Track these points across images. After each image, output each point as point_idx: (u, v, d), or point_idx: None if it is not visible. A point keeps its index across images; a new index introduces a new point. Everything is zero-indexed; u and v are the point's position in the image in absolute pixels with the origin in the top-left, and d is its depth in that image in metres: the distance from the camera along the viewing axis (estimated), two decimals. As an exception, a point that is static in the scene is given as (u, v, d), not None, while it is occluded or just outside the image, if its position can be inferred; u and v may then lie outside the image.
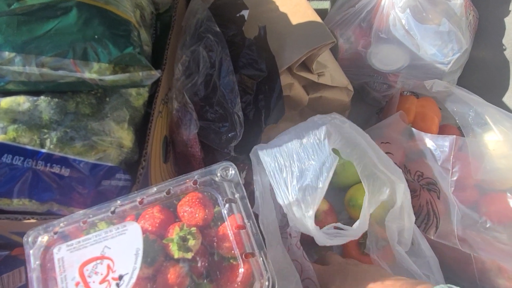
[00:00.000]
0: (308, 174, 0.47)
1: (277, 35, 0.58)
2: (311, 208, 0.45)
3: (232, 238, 0.37)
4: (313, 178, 0.46)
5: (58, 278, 0.35)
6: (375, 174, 0.52)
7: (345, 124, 0.55)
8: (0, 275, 0.50)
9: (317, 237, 0.44)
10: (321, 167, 0.48)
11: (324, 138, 0.51)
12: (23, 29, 0.36)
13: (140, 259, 0.35)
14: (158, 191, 0.39)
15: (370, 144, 0.55)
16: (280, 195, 0.47)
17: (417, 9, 0.72)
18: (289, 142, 0.53)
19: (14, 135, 0.37)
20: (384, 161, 0.53)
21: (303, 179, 0.47)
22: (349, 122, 0.56)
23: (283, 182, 0.48)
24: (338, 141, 0.53)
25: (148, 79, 0.41)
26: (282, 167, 0.49)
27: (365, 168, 0.52)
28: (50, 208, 0.41)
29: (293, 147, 0.52)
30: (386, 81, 0.78)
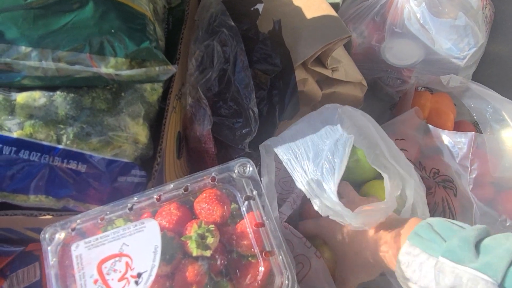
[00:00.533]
0: (323, 154, 0.46)
1: (292, 29, 0.57)
2: (332, 183, 0.43)
3: (251, 236, 0.36)
4: (329, 155, 0.46)
5: (77, 275, 0.34)
6: (386, 166, 0.51)
7: (357, 112, 0.54)
8: (15, 271, 0.50)
9: (347, 216, 0.42)
10: (336, 143, 0.47)
11: (337, 122, 0.50)
12: (40, 23, 0.36)
13: (158, 257, 0.35)
14: (175, 188, 0.39)
15: (382, 136, 0.53)
16: (299, 181, 0.46)
17: (433, 2, 0.70)
18: (302, 130, 0.52)
19: (30, 131, 0.37)
20: (396, 155, 0.52)
21: (319, 159, 0.46)
22: (361, 111, 0.55)
23: (300, 168, 0.47)
24: (350, 128, 0.52)
25: (164, 74, 0.41)
26: (297, 154, 0.48)
27: (376, 159, 0.51)
28: (66, 205, 0.41)
29: (307, 134, 0.51)
30: (400, 76, 0.77)
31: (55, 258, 0.35)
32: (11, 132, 0.37)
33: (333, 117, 0.51)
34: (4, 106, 0.37)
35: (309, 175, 0.46)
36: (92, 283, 0.34)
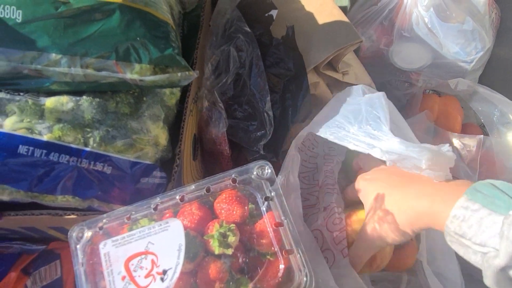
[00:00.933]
0: (363, 114, 0.48)
1: (304, 34, 0.59)
2: (385, 127, 0.44)
3: (271, 235, 0.38)
4: (369, 111, 0.47)
5: (105, 272, 0.36)
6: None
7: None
8: (38, 269, 0.52)
9: (417, 151, 0.40)
10: (370, 102, 0.49)
11: (362, 92, 0.52)
12: (69, 32, 0.38)
13: (182, 255, 0.36)
14: (196, 189, 0.40)
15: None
16: (352, 143, 0.46)
17: (441, 7, 0.72)
18: (332, 108, 0.54)
19: (59, 134, 0.39)
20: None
21: (360, 118, 0.47)
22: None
23: (346, 132, 0.48)
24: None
25: (185, 79, 0.42)
26: (338, 125, 0.49)
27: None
28: (91, 205, 0.42)
29: (338, 109, 0.53)
30: (408, 79, 0.79)
31: (84, 256, 0.37)
32: (42, 136, 0.38)
33: (358, 90, 0.53)
34: (34, 110, 0.39)
35: (358, 134, 0.46)
36: (120, 279, 0.36)
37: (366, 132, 0.45)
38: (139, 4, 0.40)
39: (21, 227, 0.49)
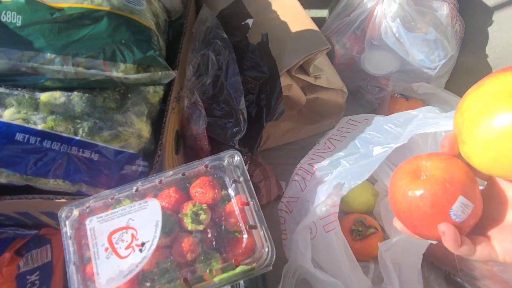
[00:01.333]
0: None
1: (278, 41, 0.65)
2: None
3: (237, 214, 0.43)
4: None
5: (90, 244, 0.41)
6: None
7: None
8: (30, 251, 0.57)
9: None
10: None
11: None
12: (63, 35, 0.43)
13: (159, 230, 0.42)
14: (174, 174, 0.45)
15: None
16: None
17: (407, 19, 0.78)
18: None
19: (52, 124, 0.44)
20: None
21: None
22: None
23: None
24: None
25: (166, 78, 0.48)
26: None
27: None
28: (80, 189, 0.47)
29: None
30: (378, 84, 0.85)
31: (72, 231, 0.42)
32: (36, 125, 0.43)
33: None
34: (30, 103, 0.44)
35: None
36: (103, 250, 0.41)
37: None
38: (124, 11, 0.46)
39: (15, 212, 0.53)
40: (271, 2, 0.71)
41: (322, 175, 0.58)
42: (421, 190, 0.33)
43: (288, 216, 0.63)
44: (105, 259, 0.41)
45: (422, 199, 0.33)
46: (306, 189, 0.62)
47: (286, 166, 0.76)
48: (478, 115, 0.31)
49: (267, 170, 0.78)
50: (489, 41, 0.85)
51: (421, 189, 0.33)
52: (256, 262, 0.42)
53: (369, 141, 0.57)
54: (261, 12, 0.69)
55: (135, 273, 0.40)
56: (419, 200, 0.34)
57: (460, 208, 0.33)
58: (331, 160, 0.59)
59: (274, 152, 0.85)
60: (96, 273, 0.40)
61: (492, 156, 0.31)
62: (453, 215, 0.32)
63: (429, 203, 0.33)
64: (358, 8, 0.82)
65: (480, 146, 0.31)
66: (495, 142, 0.30)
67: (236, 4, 0.65)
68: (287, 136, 0.84)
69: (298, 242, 0.56)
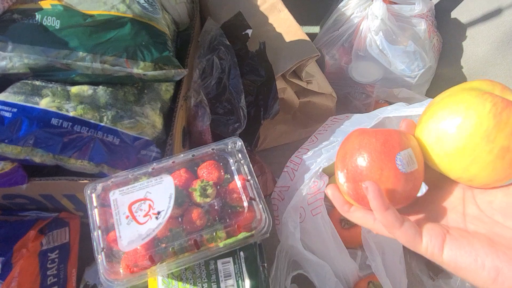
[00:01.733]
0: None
1: (274, 49, 0.74)
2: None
3: (239, 189, 0.50)
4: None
5: (113, 212, 0.48)
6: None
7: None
8: (51, 231, 0.63)
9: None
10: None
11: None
12: (93, 36, 0.51)
13: (172, 201, 0.48)
14: (184, 156, 0.53)
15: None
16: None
17: (389, 33, 0.88)
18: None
19: (81, 112, 0.51)
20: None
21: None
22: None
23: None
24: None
25: (178, 75, 0.56)
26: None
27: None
28: (101, 170, 0.54)
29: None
30: (365, 91, 0.94)
31: (98, 202, 0.49)
32: (68, 112, 0.51)
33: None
34: (62, 94, 0.52)
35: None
36: (124, 218, 0.48)
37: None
38: (144, 18, 0.54)
39: (40, 195, 0.60)
40: (268, 16, 0.81)
41: (307, 164, 0.66)
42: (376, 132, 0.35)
43: (280, 204, 0.70)
44: (126, 225, 0.47)
45: (377, 135, 0.35)
46: (294, 178, 0.69)
47: (281, 164, 0.83)
48: (435, 109, 0.33)
49: (264, 167, 0.85)
50: (463, 54, 0.95)
51: (377, 131, 0.35)
52: (255, 229, 0.49)
53: (346, 131, 0.65)
54: (259, 25, 0.78)
55: (152, 236, 0.47)
56: (373, 136, 0.35)
57: (406, 156, 0.33)
58: (314, 150, 0.67)
59: (270, 152, 0.92)
60: (119, 236, 0.46)
61: (441, 149, 0.32)
62: (399, 160, 0.33)
63: (382, 140, 0.34)
64: (346, 23, 0.92)
65: (433, 137, 0.33)
66: (442, 137, 0.32)
67: (237, 16, 0.73)
68: (282, 138, 0.92)
69: (288, 222, 0.63)
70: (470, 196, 0.34)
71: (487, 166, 0.31)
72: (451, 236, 0.31)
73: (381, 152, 0.33)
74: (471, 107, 0.31)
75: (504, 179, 0.32)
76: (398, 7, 0.89)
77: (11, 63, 0.51)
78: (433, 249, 0.31)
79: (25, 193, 0.59)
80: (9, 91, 0.50)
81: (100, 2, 0.53)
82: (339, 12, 0.93)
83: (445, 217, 0.34)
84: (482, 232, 0.31)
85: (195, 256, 0.48)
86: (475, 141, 0.30)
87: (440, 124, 0.32)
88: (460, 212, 0.34)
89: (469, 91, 0.32)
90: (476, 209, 0.33)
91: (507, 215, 0.31)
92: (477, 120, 0.30)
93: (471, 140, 0.30)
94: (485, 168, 0.31)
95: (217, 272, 0.53)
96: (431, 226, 0.32)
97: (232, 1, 0.83)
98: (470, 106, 0.31)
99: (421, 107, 0.54)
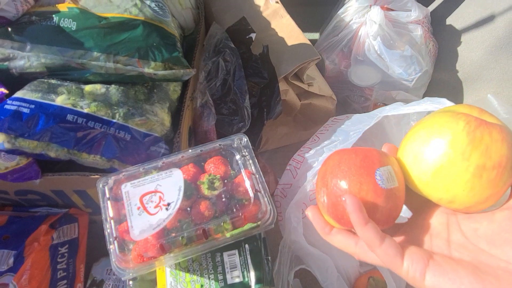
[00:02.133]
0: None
1: (277, 53, 0.77)
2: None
3: (245, 183, 0.53)
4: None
5: (125, 203, 0.50)
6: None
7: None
8: (62, 226, 0.65)
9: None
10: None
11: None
12: (107, 37, 0.54)
13: (182, 193, 0.51)
14: (192, 151, 0.55)
15: None
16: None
17: (386, 38, 0.91)
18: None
19: (95, 109, 0.54)
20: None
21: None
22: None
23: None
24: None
25: (186, 75, 0.59)
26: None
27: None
28: (112, 165, 0.57)
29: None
30: (363, 94, 0.97)
31: (110, 193, 0.51)
32: (83, 109, 0.53)
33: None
34: (77, 92, 0.54)
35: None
36: (136, 209, 0.50)
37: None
38: (155, 21, 0.57)
39: (52, 190, 0.62)
40: (270, 21, 0.84)
41: (310, 163, 0.68)
42: (357, 149, 0.36)
43: (283, 201, 0.73)
44: (138, 216, 0.49)
45: (357, 151, 0.35)
46: (297, 176, 0.71)
47: (283, 165, 0.85)
48: (412, 131, 0.35)
49: (266, 167, 0.88)
50: (458, 59, 0.98)
51: (357, 149, 0.36)
52: (261, 220, 0.51)
53: (347, 130, 0.67)
54: (262, 30, 0.82)
55: (162, 226, 0.49)
56: (353, 152, 0.35)
57: (386, 172, 0.33)
58: (316, 149, 0.69)
59: (272, 154, 0.95)
60: (131, 226, 0.49)
61: (419, 170, 0.33)
62: (379, 175, 0.33)
63: (362, 156, 0.34)
64: (345, 29, 0.95)
65: (411, 158, 0.34)
66: (420, 157, 0.32)
67: (241, 21, 0.77)
68: (283, 139, 0.94)
69: (290, 218, 0.65)
70: (455, 222, 0.34)
71: (465, 185, 0.31)
72: (434, 262, 0.30)
73: (360, 167, 0.34)
74: (445, 125, 0.32)
75: (485, 201, 0.31)
76: (395, 13, 0.92)
77: (28, 62, 0.53)
78: (415, 273, 0.30)
79: (38, 188, 0.61)
80: (26, 89, 0.53)
81: (113, 5, 0.56)
82: (338, 18, 0.96)
83: (429, 243, 0.33)
84: (467, 259, 0.30)
85: (203, 246, 0.50)
86: (451, 159, 0.31)
87: (416, 145, 0.33)
88: (444, 238, 0.33)
89: (445, 113, 0.33)
90: (461, 236, 0.32)
91: (492, 243, 0.30)
92: (452, 138, 0.31)
93: (447, 158, 0.31)
94: (463, 188, 0.31)
95: (223, 264, 0.55)
96: (414, 250, 0.31)
97: (235, 8, 0.87)
98: (444, 125, 0.32)
99: (418, 105, 0.57)
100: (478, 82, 0.92)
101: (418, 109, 0.58)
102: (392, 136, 0.69)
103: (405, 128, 0.69)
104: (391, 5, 0.94)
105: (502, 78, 0.87)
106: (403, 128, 0.69)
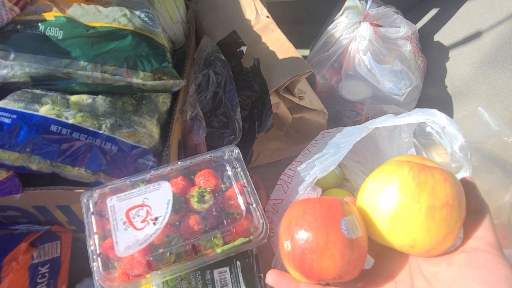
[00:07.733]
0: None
1: (268, 66, 0.76)
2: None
3: (237, 196, 0.51)
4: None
5: (110, 218, 0.47)
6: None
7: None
8: (43, 244, 0.62)
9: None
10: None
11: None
12: (95, 47, 0.53)
13: (170, 207, 0.48)
14: (182, 163, 0.53)
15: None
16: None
17: (376, 53, 0.92)
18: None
19: (80, 120, 0.52)
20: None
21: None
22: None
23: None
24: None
25: (176, 86, 0.57)
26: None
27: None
28: (98, 179, 0.54)
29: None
30: (355, 109, 0.97)
31: (94, 207, 0.49)
32: (68, 119, 0.51)
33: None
34: (62, 102, 0.53)
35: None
36: (122, 224, 0.47)
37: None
38: (145, 31, 0.56)
39: (33, 206, 0.59)
40: (261, 35, 0.84)
41: (302, 176, 0.67)
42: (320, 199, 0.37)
43: (274, 216, 0.70)
44: (123, 231, 0.47)
45: (321, 201, 0.36)
46: (288, 190, 0.69)
47: (274, 181, 0.84)
48: (366, 182, 0.38)
49: (257, 182, 0.86)
50: (447, 74, 0.99)
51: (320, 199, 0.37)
52: (253, 234, 0.49)
53: (338, 143, 0.66)
54: (253, 43, 0.81)
55: (149, 242, 0.46)
56: (317, 202, 0.36)
57: (351, 222, 0.34)
58: (308, 163, 0.68)
59: (263, 169, 0.93)
60: (116, 242, 0.46)
61: (377, 218, 0.34)
62: (344, 225, 0.33)
63: (326, 205, 0.35)
64: (335, 45, 0.96)
65: (369, 208, 0.36)
66: (376, 206, 0.34)
67: (232, 35, 0.76)
68: (275, 154, 0.93)
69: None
70: (416, 267, 0.35)
71: (421, 226, 0.32)
72: None
73: (326, 217, 0.34)
74: (392, 173, 0.34)
75: (443, 241, 0.32)
76: (384, 29, 0.93)
77: (12, 71, 0.51)
78: None
79: (18, 204, 0.58)
80: (9, 99, 0.51)
81: (102, 15, 0.55)
82: (328, 34, 0.97)
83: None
84: None
85: (192, 263, 0.48)
86: (403, 203, 0.32)
87: (371, 196, 0.35)
88: (408, 285, 0.34)
89: (390, 163, 0.36)
90: (423, 281, 0.33)
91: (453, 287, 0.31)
92: (400, 183, 0.33)
93: (400, 204, 0.33)
94: (420, 230, 0.32)
95: (214, 282, 0.53)
96: None
97: (227, 22, 0.87)
98: (392, 173, 0.34)
99: (409, 117, 0.57)
100: (467, 97, 0.93)
101: (409, 120, 0.57)
102: (384, 149, 0.68)
103: (397, 140, 0.68)
104: (380, 22, 0.95)
105: (491, 92, 0.88)
106: (394, 140, 0.68)
